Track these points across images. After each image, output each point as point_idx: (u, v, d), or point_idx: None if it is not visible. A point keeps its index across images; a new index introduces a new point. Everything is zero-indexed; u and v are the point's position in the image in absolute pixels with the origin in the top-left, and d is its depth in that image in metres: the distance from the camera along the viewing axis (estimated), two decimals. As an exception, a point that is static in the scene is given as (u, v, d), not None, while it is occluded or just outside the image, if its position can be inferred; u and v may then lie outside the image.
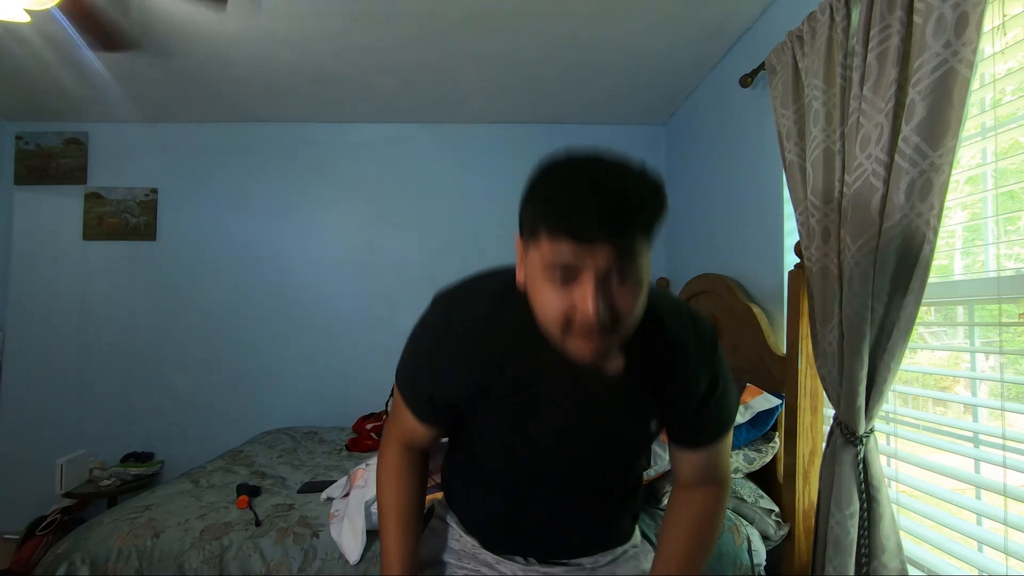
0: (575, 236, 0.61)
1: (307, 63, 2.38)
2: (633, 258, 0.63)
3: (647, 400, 0.83)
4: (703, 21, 2.05)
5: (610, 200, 0.60)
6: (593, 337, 0.65)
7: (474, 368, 0.80)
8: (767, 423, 1.62)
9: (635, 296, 0.66)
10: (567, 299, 0.64)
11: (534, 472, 0.89)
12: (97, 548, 1.46)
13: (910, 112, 1.11)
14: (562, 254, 0.62)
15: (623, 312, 0.65)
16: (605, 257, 0.62)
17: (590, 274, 0.63)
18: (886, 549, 1.22)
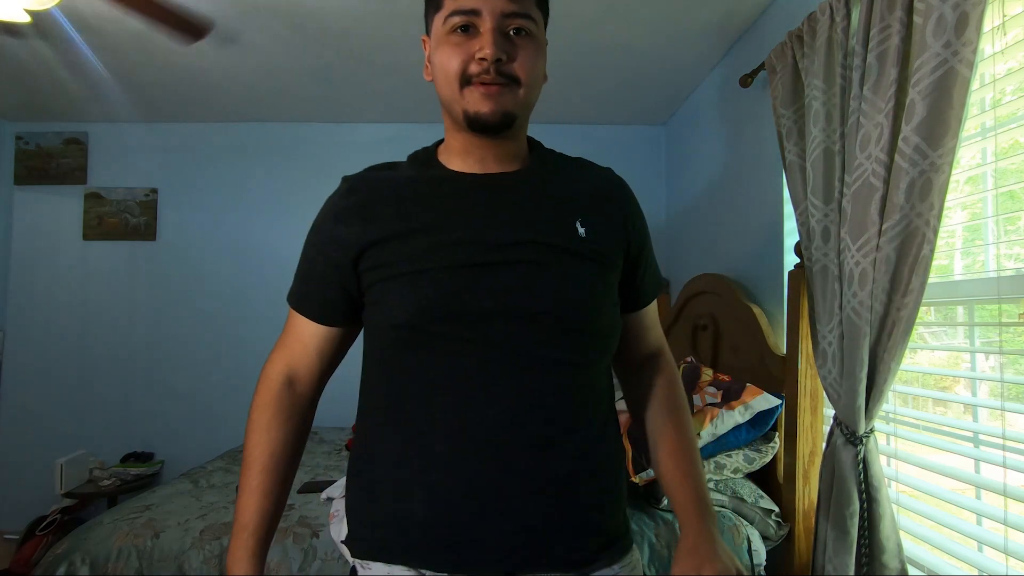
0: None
1: (307, 63, 2.38)
2: (526, 9, 0.70)
3: (563, 203, 0.77)
4: (703, 21, 2.05)
5: None
6: (491, 79, 0.69)
7: (355, 209, 0.77)
8: (767, 423, 1.62)
9: (531, 53, 0.71)
10: (468, 50, 0.69)
11: (472, 328, 0.70)
12: (97, 548, 1.46)
13: (910, 112, 1.11)
14: (463, 4, 0.68)
15: (520, 66, 0.70)
16: (498, 6, 0.68)
17: (488, 18, 0.68)
18: (886, 549, 1.22)
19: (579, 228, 0.75)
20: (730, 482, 1.64)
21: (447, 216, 0.74)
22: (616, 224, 0.80)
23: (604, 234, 0.77)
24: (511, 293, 0.71)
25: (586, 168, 0.85)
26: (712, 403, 1.63)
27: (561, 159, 0.85)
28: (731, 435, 1.61)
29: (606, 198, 0.81)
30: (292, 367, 0.83)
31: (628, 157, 3.18)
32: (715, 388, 1.70)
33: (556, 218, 0.75)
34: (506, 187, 0.77)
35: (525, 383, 0.71)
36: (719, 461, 1.63)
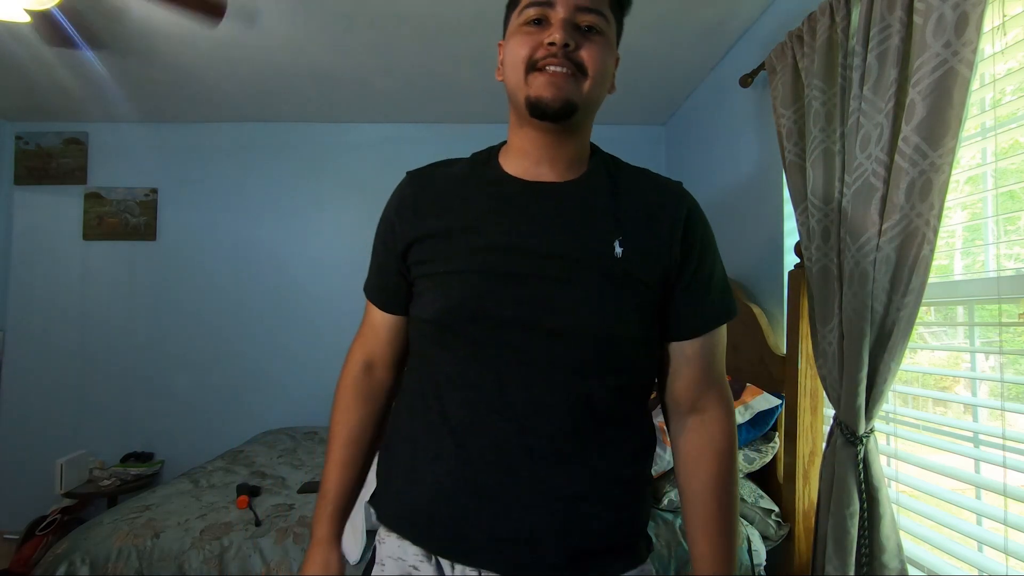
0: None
1: (307, 63, 2.38)
2: (598, 6, 0.72)
3: (607, 219, 0.75)
4: (703, 21, 2.05)
5: None
6: (558, 64, 0.70)
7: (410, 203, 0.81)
8: (767, 423, 1.62)
9: (599, 50, 0.72)
10: (538, 38, 0.71)
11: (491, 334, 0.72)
12: (97, 548, 1.46)
13: (910, 112, 1.11)
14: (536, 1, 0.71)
15: (586, 57, 0.72)
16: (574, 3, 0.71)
17: (560, 10, 0.71)
18: (886, 549, 1.22)
19: (617, 247, 0.73)
20: (730, 482, 1.64)
21: (489, 220, 0.75)
22: (662, 244, 0.75)
23: (645, 254, 0.74)
24: (532, 305, 0.71)
25: (646, 181, 0.81)
26: (712, 403, 1.63)
27: (621, 169, 0.82)
28: (731, 435, 1.61)
29: (657, 216, 0.76)
30: (369, 354, 0.89)
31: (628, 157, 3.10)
32: (715, 388, 1.70)
33: (595, 234, 0.74)
34: (553, 197, 0.76)
35: (536, 395, 0.72)
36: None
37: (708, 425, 0.79)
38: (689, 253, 0.76)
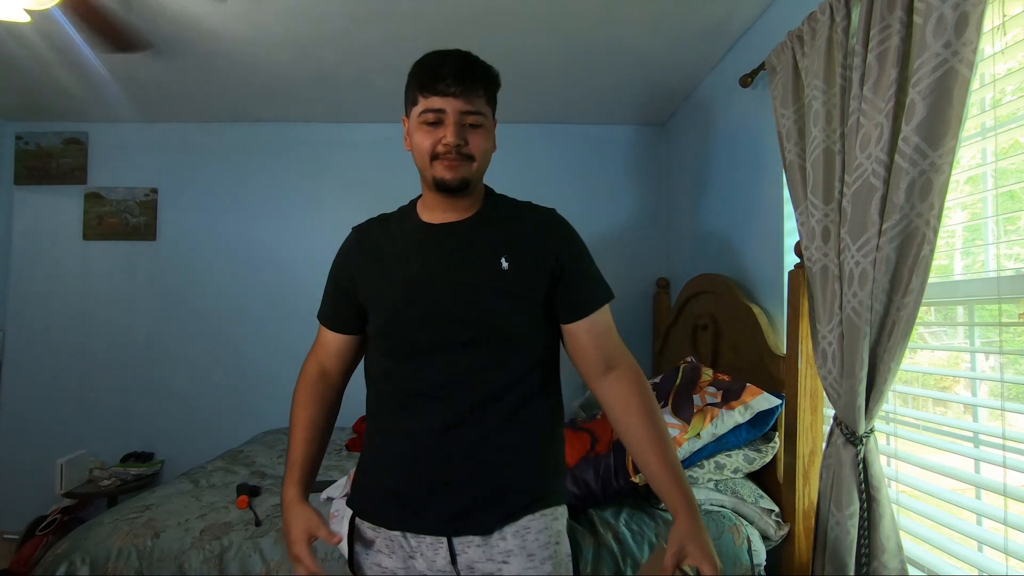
0: (439, 91, 0.93)
1: (307, 63, 2.39)
2: (479, 108, 0.96)
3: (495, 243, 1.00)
4: (703, 21, 2.05)
5: (460, 67, 0.94)
6: (453, 158, 0.95)
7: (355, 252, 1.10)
8: (767, 423, 1.62)
9: (482, 138, 0.98)
10: (435, 136, 0.96)
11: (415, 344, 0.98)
12: (97, 548, 1.46)
13: (910, 112, 1.11)
14: (432, 104, 0.94)
15: (473, 148, 0.97)
16: (459, 104, 0.94)
17: (450, 116, 0.94)
18: (886, 549, 1.22)
19: (503, 262, 0.98)
20: (730, 482, 1.64)
21: (407, 257, 1.03)
22: (539, 255, 1.00)
23: (527, 265, 0.99)
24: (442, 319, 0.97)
25: (526, 212, 1.07)
26: (712, 403, 1.63)
27: (506, 205, 1.08)
28: (731, 435, 1.61)
29: (534, 236, 1.02)
30: (321, 364, 1.16)
31: (628, 157, 3.18)
32: (715, 388, 1.70)
33: (485, 256, 0.99)
34: (455, 234, 1.02)
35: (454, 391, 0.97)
36: (719, 461, 1.63)
37: (625, 373, 1.02)
38: (563, 260, 1.01)
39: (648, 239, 3.13)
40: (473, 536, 0.96)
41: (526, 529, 0.97)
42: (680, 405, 1.67)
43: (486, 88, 0.98)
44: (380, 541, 1.01)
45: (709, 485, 1.62)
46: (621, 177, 3.16)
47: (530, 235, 1.02)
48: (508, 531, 0.96)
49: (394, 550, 0.99)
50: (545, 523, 0.99)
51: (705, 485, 1.61)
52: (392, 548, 1.00)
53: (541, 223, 1.05)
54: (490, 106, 1.00)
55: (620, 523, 1.54)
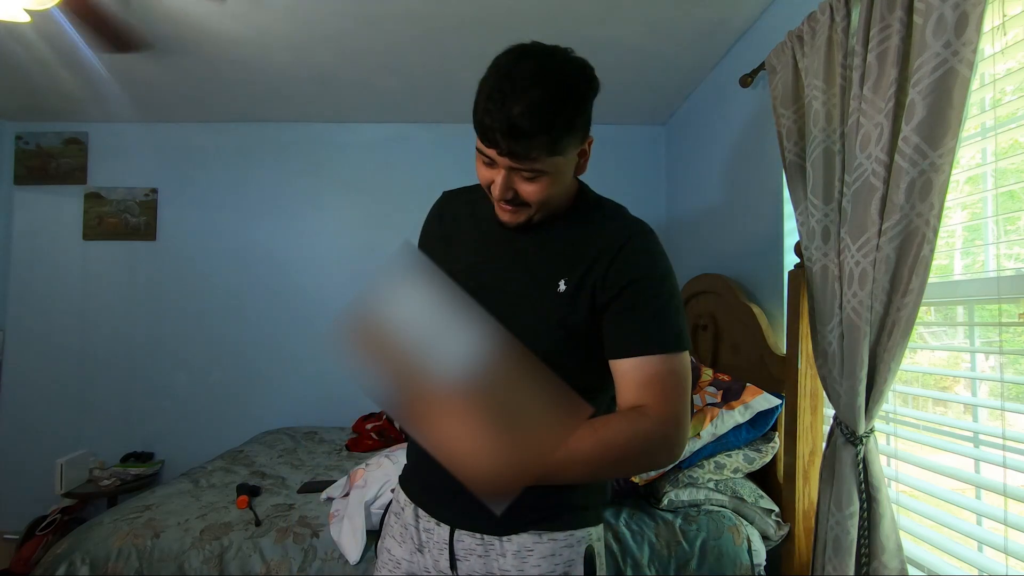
0: (489, 144, 0.80)
1: (307, 63, 2.39)
2: (533, 166, 0.81)
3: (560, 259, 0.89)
4: (703, 21, 2.05)
5: (514, 125, 0.76)
6: (505, 208, 0.87)
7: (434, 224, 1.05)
8: (767, 423, 1.62)
9: (541, 188, 0.83)
10: (489, 175, 0.85)
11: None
12: (97, 548, 1.46)
13: (910, 112, 1.11)
14: (484, 149, 0.82)
15: (528, 197, 0.85)
16: (508, 163, 0.81)
17: (500, 167, 0.82)
18: (886, 549, 1.22)
19: (561, 285, 0.87)
20: (730, 482, 1.64)
21: (471, 247, 0.96)
22: (607, 280, 0.86)
23: (585, 289, 0.86)
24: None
25: (608, 223, 0.91)
26: (712, 403, 1.63)
27: (593, 213, 0.93)
28: (731, 435, 1.62)
29: (607, 256, 0.86)
30: None
31: (628, 157, 3.18)
32: (715, 388, 1.70)
33: (545, 272, 0.89)
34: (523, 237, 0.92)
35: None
36: (719, 461, 1.63)
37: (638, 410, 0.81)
38: (630, 283, 0.85)
39: (648, 239, 3.13)
40: (472, 538, 0.90)
41: (529, 552, 0.88)
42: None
43: (550, 141, 0.78)
44: (397, 525, 1.00)
45: (709, 485, 1.62)
46: (621, 177, 3.16)
47: (602, 255, 0.86)
48: (509, 548, 0.88)
49: (405, 539, 0.98)
50: (553, 549, 0.88)
51: (705, 485, 1.61)
52: (404, 537, 0.98)
53: (615, 239, 0.87)
54: (559, 153, 0.81)
55: (620, 523, 1.54)
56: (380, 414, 2.74)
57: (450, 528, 0.92)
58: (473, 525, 0.90)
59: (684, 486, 1.60)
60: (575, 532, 0.90)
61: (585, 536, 0.91)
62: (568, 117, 0.79)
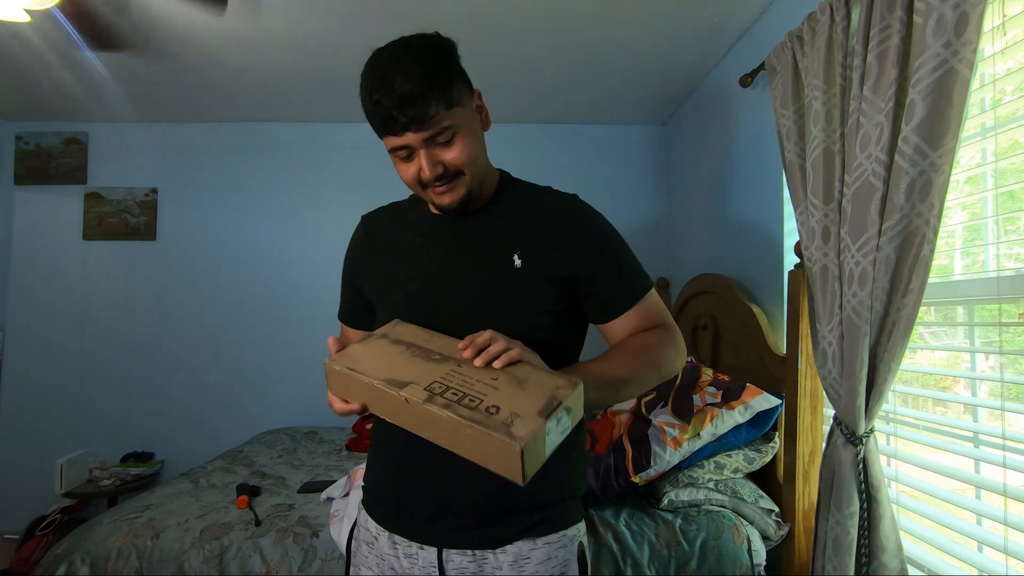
0: (390, 133, 0.83)
1: (306, 63, 2.38)
2: (440, 126, 0.81)
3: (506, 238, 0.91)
4: (703, 21, 2.05)
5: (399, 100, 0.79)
6: (442, 184, 0.86)
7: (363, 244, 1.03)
8: (767, 423, 1.62)
9: (460, 149, 0.84)
10: (414, 168, 0.85)
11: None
12: (97, 548, 1.46)
13: (910, 112, 1.11)
14: (393, 143, 0.84)
15: (453, 163, 0.85)
16: (417, 136, 0.82)
17: (416, 148, 0.83)
18: (886, 549, 1.22)
19: (516, 260, 0.89)
20: (730, 482, 1.64)
21: (413, 252, 0.96)
22: (557, 250, 0.89)
23: (543, 260, 0.89)
24: (448, 317, 0.88)
25: (544, 199, 0.96)
26: (712, 403, 1.63)
27: (523, 192, 0.98)
28: (731, 435, 1.62)
29: (554, 227, 0.91)
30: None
31: (628, 157, 3.18)
32: (715, 388, 1.70)
33: (496, 252, 0.90)
34: (462, 227, 0.94)
35: None
36: (719, 461, 1.63)
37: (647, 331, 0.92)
38: (586, 254, 0.90)
39: (648, 239, 3.13)
40: (463, 555, 0.87)
41: (525, 560, 0.87)
42: (680, 405, 1.67)
43: (440, 96, 0.81)
44: (372, 556, 0.93)
45: (709, 485, 1.62)
46: (621, 177, 3.16)
47: (548, 227, 0.91)
48: (504, 559, 0.86)
49: (384, 572, 0.92)
50: (548, 553, 0.88)
51: (705, 485, 1.61)
52: (382, 568, 0.92)
53: (560, 212, 0.92)
54: (455, 104, 0.83)
55: (620, 523, 1.54)
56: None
57: (437, 549, 0.87)
58: (463, 542, 0.87)
59: (684, 486, 1.60)
60: (566, 531, 0.90)
61: (576, 533, 0.92)
62: (442, 68, 0.83)
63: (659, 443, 1.58)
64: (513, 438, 0.63)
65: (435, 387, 0.71)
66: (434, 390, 0.71)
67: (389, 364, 0.77)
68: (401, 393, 0.71)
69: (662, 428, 1.62)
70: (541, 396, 0.69)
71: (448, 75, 0.83)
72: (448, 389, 0.71)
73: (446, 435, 0.69)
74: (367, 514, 0.97)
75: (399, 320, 0.88)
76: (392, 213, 1.04)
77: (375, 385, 0.74)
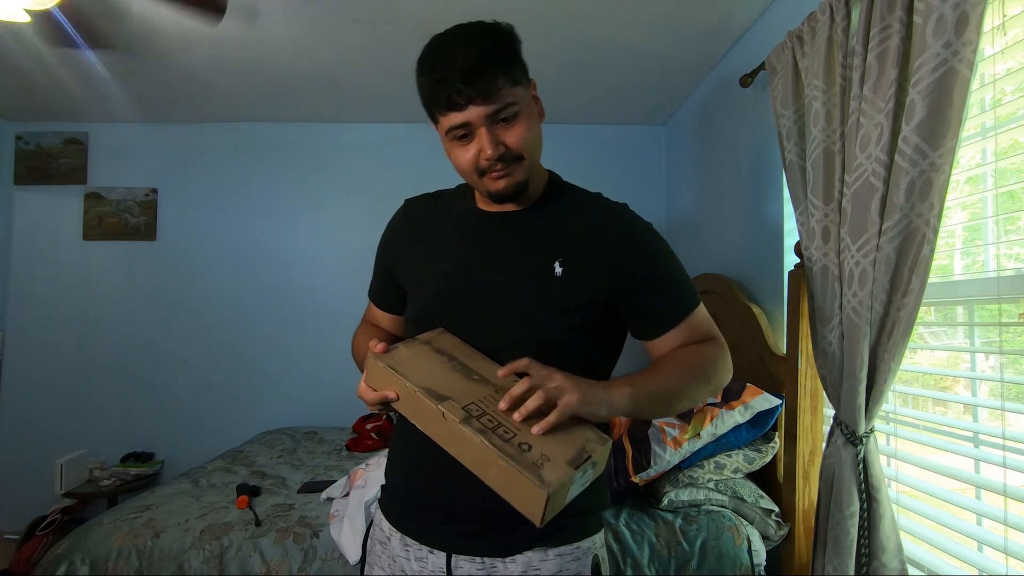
0: (454, 108, 0.80)
1: (306, 63, 2.38)
2: (504, 101, 0.80)
3: (549, 243, 0.88)
4: (703, 21, 2.05)
5: (466, 70, 0.77)
6: (499, 168, 0.82)
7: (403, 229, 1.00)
8: (767, 423, 1.62)
9: (522, 129, 0.82)
10: (472, 151, 0.82)
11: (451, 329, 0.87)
12: (97, 548, 1.46)
13: (910, 112, 1.11)
14: (454, 120, 0.81)
15: (515, 144, 0.82)
16: (481, 111, 0.79)
17: (478, 126, 0.80)
18: (886, 549, 1.22)
19: (557, 268, 0.85)
20: (730, 482, 1.64)
21: (453, 245, 0.93)
22: (605, 261, 0.86)
23: (586, 271, 0.85)
24: (479, 317, 0.86)
25: (592, 206, 0.92)
26: (712, 403, 1.63)
27: (570, 196, 0.94)
28: (731, 435, 1.62)
29: (600, 236, 0.87)
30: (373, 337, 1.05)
31: (628, 157, 3.18)
32: (715, 388, 1.70)
33: (537, 257, 0.87)
34: (506, 226, 0.91)
35: None
36: (719, 461, 1.63)
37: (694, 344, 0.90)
38: (632, 268, 0.87)
39: (648, 239, 3.13)
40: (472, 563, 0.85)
41: (536, 570, 0.84)
42: (680, 405, 1.67)
43: (505, 70, 0.80)
44: (385, 556, 0.92)
45: (709, 485, 1.62)
46: (621, 177, 3.16)
47: (594, 235, 0.87)
48: (514, 569, 0.84)
49: (395, 572, 0.90)
50: (560, 565, 0.84)
51: (705, 485, 1.61)
52: (393, 570, 0.91)
53: (609, 221, 0.89)
54: (518, 83, 0.82)
55: (620, 523, 1.54)
56: (380, 414, 2.74)
57: (446, 555, 0.85)
58: (473, 548, 0.84)
59: (684, 486, 1.60)
60: (580, 543, 0.87)
61: (590, 546, 0.88)
62: (507, 45, 0.83)
63: (659, 443, 1.58)
64: (543, 483, 0.63)
65: (472, 408, 0.71)
66: (471, 411, 0.71)
67: (430, 373, 0.76)
68: (440, 407, 0.71)
69: (662, 428, 1.62)
70: (572, 445, 0.69)
71: (512, 52, 0.83)
72: (484, 414, 0.71)
73: (473, 458, 0.69)
74: (382, 513, 0.96)
75: (444, 329, 0.86)
76: (436, 202, 1.00)
77: (415, 391, 0.73)
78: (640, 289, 0.87)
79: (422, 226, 0.98)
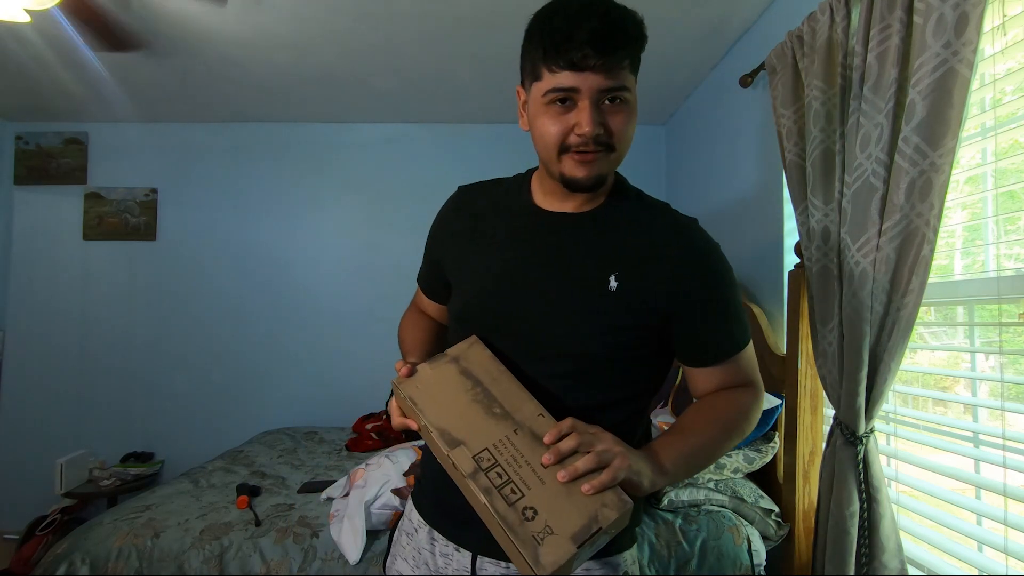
0: (573, 64, 0.71)
1: (307, 63, 2.38)
2: (622, 82, 0.73)
3: (608, 253, 0.81)
4: (703, 21, 2.05)
5: (602, 31, 0.69)
6: (589, 149, 0.75)
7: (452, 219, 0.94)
8: (767, 423, 1.62)
9: (625, 119, 0.76)
10: (566, 122, 0.74)
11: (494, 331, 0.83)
12: (97, 548, 1.46)
13: (910, 112, 1.11)
14: (562, 81, 0.72)
15: (615, 131, 0.75)
16: (598, 80, 0.72)
17: (586, 96, 0.72)
18: (886, 549, 1.22)
19: (612, 281, 0.79)
20: (730, 482, 1.64)
21: (505, 242, 0.86)
22: (665, 281, 0.79)
23: (641, 290, 0.79)
24: (522, 316, 0.81)
25: (658, 218, 0.85)
26: (712, 403, 1.63)
27: (636, 204, 0.86)
28: (731, 435, 1.61)
29: (660, 254, 0.80)
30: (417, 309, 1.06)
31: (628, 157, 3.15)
32: (715, 388, 1.70)
33: (591, 268, 0.80)
34: (564, 228, 0.84)
35: None
36: (719, 461, 1.63)
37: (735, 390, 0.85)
38: (698, 285, 0.80)
39: (648, 239, 3.13)
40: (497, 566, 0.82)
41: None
42: (680, 405, 1.67)
43: (632, 53, 0.74)
44: (410, 547, 0.91)
45: (709, 485, 1.62)
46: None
47: (656, 251, 0.80)
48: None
49: (419, 564, 0.89)
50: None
51: (705, 485, 1.61)
52: (418, 562, 0.89)
53: (673, 238, 0.82)
54: (635, 74, 0.76)
55: (620, 523, 1.54)
56: (380, 414, 2.74)
57: (472, 555, 0.83)
58: (499, 552, 0.80)
59: (684, 486, 1.60)
60: (610, 559, 0.82)
61: (621, 562, 0.83)
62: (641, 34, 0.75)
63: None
64: (537, 564, 0.60)
65: (483, 457, 0.68)
66: (481, 462, 0.68)
67: (450, 406, 0.74)
68: (450, 454, 0.69)
69: (662, 428, 1.62)
70: (583, 513, 0.64)
71: (643, 41, 0.76)
72: (496, 466, 0.68)
73: (478, 509, 0.68)
74: (413, 504, 0.94)
75: (476, 339, 0.82)
76: (491, 192, 0.93)
77: (429, 430, 0.73)
78: (695, 316, 0.81)
79: (475, 218, 0.91)
